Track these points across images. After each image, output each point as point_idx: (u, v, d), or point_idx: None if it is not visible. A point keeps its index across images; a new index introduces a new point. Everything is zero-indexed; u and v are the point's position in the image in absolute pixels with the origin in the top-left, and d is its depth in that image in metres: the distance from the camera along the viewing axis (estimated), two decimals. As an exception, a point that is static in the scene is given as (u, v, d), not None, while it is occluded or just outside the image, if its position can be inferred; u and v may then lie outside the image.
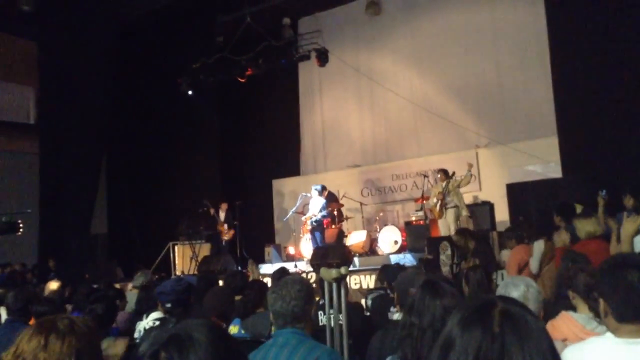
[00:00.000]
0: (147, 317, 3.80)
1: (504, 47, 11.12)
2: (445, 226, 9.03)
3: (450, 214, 9.04)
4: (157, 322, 3.48)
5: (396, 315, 2.83)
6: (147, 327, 3.65)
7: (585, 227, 4.81)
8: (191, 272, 10.79)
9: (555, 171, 9.67)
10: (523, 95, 10.79)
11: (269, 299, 2.50)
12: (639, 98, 8.06)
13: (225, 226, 11.27)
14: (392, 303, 3.77)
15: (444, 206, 9.06)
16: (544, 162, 10.03)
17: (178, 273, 11.25)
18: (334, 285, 3.15)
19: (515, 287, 2.63)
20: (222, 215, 11.31)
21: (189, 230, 11.46)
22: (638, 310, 1.68)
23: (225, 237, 11.31)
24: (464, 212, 8.99)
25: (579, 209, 6.64)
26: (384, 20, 12.56)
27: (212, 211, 11.20)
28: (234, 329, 3.47)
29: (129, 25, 12.13)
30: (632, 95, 8.13)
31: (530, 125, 10.56)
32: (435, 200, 9.22)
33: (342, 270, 3.03)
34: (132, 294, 5.51)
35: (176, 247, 11.64)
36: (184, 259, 11.45)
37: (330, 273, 3.07)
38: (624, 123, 8.16)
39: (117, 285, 8.71)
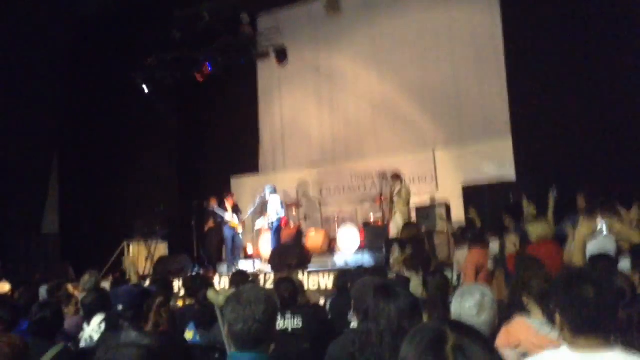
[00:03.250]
0: (89, 324, 3.68)
1: (460, 49, 11.28)
2: (395, 228, 9.15)
3: (399, 216, 9.14)
4: (103, 325, 3.38)
5: (354, 322, 2.81)
6: (93, 334, 3.53)
7: (537, 230, 4.90)
8: (146, 272, 10.59)
9: (509, 172, 9.88)
10: (478, 97, 10.97)
11: (228, 316, 2.21)
12: (593, 101, 8.30)
13: (235, 218, 10.62)
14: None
15: (393, 208, 9.19)
16: (498, 163, 10.23)
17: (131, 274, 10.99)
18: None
19: (471, 295, 2.65)
20: (229, 209, 10.68)
21: (144, 229, 11.22)
22: (593, 323, 1.70)
23: (239, 231, 10.70)
24: (400, 221, 9.07)
25: (528, 206, 6.80)
26: (343, 20, 12.56)
27: (211, 205, 10.65)
28: (188, 334, 3.40)
29: (82, 19, 11.78)
30: (585, 98, 8.37)
31: (485, 127, 10.75)
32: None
33: (230, 292, 2.72)
34: (81, 296, 5.35)
35: (131, 247, 11.38)
36: (139, 258, 11.20)
37: (218, 298, 2.77)
38: (577, 125, 8.39)
39: (70, 286, 8.49)
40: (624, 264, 3.86)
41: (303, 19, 12.98)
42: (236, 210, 10.71)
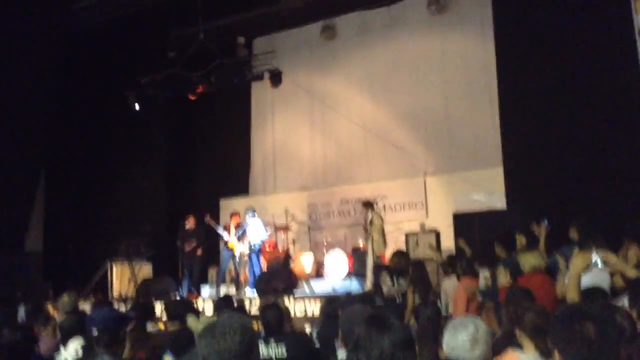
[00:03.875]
0: (65, 347, 3.52)
1: (453, 77, 11.32)
2: (371, 257, 9.19)
3: (374, 245, 9.19)
4: (80, 351, 3.22)
5: (341, 354, 2.69)
6: (68, 357, 3.37)
7: (529, 260, 4.82)
8: (130, 294, 10.38)
9: (499, 201, 9.85)
10: (470, 125, 10.97)
11: (200, 346, 2.07)
12: (585, 132, 8.30)
13: (235, 240, 10.17)
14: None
15: (369, 236, 9.22)
16: (489, 191, 10.20)
17: (115, 294, 10.78)
18: None
19: (464, 328, 2.55)
20: (232, 230, 10.26)
21: (129, 250, 11.02)
22: (594, 363, 1.61)
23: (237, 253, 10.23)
24: (374, 250, 9.09)
25: (521, 239, 6.74)
26: (338, 45, 12.63)
27: (211, 223, 10.31)
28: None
29: (76, 35, 11.72)
30: (577, 129, 8.38)
31: (476, 155, 10.73)
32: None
33: (212, 320, 2.58)
34: (59, 318, 5.18)
35: (115, 267, 11.16)
36: (122, 279, 10.99)
37: (197, 327, 2.59)
38: (569, 156, 8.39)
39: (50, 307, 8.27)
40: (620, 301, 3.77)
41: (298, 43, 13.03)
42: (241, 231, 10.30)
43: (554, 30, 8.72)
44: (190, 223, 10.34)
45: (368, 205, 9.60)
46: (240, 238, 10.08)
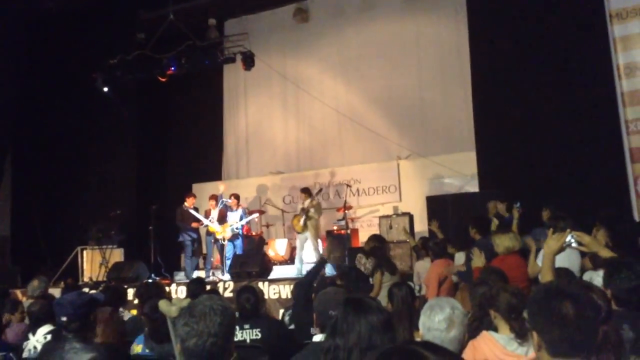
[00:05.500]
0: (34, 333, 3.43)
1: (426, 62, 11.34)
2: (303, 240, 9.47)
3: (311, 230, 9.42)
4: (49, 337, 3.14)
5: (318, 336, 2.66)
6: (37, 344, 3.29)
7: (503, 242, 4.87)
8: (101, 279, 10.22)
9: (472, 185, 9.93)
10: (443, 110, 11.03)
11: (180, 330, 2.01)
12: (556, 116, 8.40)
13: (216, 224, 9.80)
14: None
15: (307, 221, 9.41)
16: (462, 175, 10.28)
17: (86, 279, 10.61)
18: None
19: (440, 309, 2.55)
20: (213, 212, 9.92)
21: (99, 235, 10.83)
22: (573, 344, 1.60)
23: (224, 236, 9.78)
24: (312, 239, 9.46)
25: (493, 208, 6.83)
26: (311, 28, 12.52)
27: (186, 206, 9.93)
28: (137, 348, 3.19)
29: (41, 15, 11.38)
30: (549, 113, 8.48)
31: (449, 139, 10.81)
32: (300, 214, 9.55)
33: (185, 303, 2.51)
34: (28, 304, 5.05)
35: (85, 252, 10.97)
36: (92, 264, 10.81)
37: (170, 309, 2.53)
38: (540, 140, 8.49)
39: (18, 292, 8.09)
40: (588, 277, 3.83)
41: (271, 26, 12.88)
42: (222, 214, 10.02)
43: (526, 15, 8.77)
44: (189, 202, 10.12)
45: (307, 192, 9.70)
46: (220, 222, 9.94)
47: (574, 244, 2.96)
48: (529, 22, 8.75)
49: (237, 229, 9.86)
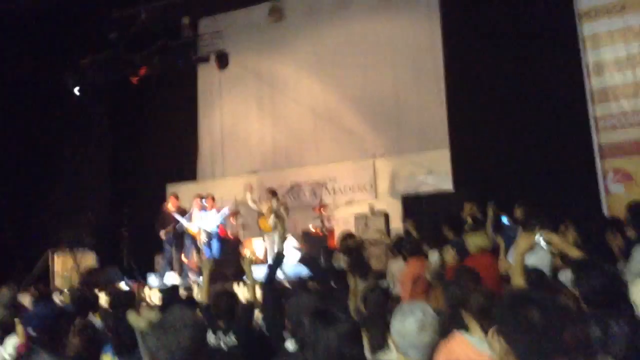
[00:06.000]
0: (2, 343, 3.35)
1: (401, 60, 11.37)
2: (272, 241, 9.38)
3: (280, 229, 9.26)
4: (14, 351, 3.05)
5: (291, 346, 2.64)
6: (7, 356, 3.20)
7: (475, 241, 4.91)
8: (73, 284, 10.04)
9: (446, 183, 9.99)
10: (418, 108, 11.07)
11: (150, 343, 2.00)
12: (528, 114, 8.50)
13: (195, 226, 9.72)
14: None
15: (276, 221, 9.35)
16: (436, 173, 10.33)
17: (57, 285, 10.40)
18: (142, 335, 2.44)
19: (412, 314, 2.54)
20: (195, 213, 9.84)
21: (71, 238, 10.64)
22: (541, 351, 1.61)
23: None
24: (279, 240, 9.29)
25: (468, 221, 6.86)
26: (286, 27, 12.46)
27: (169, 208, 9.84)
28: (106, 358, 3.12)
29: (8, 12, 11.10)
30: (521, 111, 8.57)
31: (424, 138, 10.85)
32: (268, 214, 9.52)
33: (154, 315, 2.44)
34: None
35: (56, 257, 10.75)
36: (64, 269, 10.61)
37: (139, 322, 2.47)
38: (513, 138, 8.58)
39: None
40: (564, 275, 3.88)
41: (246, 25, 12.78)
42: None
43: (498, 15, 8.85)
44: (173, 204, 9.97)
45: (273, 193, 9.70)
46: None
47: (542, 244, 2.98)
48: (501, 22, 8.84)
49: (212, 230, 9.79)
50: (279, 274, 9.27)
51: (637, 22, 8.16)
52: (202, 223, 9.78)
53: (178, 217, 9.81)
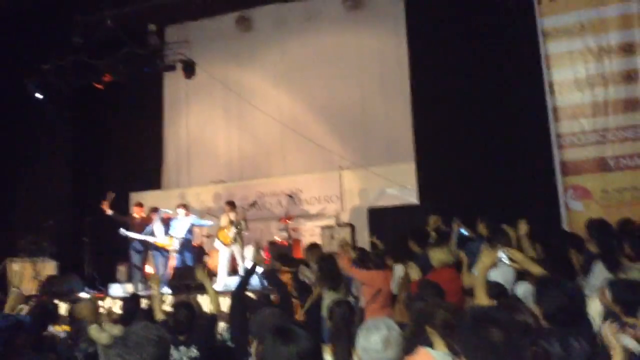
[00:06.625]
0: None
1: (368, 73, 11.49)
2: (230, 253, 9.50)
3: (239, 242, 9.49)
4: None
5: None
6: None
7: (438, 255, 4.98)
8: (33, 293, 9.77)
9: (411, 196, 10.08)
10: (385, 121, 11.19)
11: (111, 356, 1.99)
12: (492, 129, 8.64)
13: (163, 238, 9.65)
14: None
15: (239, 234, 9.46)
16: (402, 186, 10.43)
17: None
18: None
19: (377, 329, 2.56)
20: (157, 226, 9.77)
21: (31, 246, 10.37)
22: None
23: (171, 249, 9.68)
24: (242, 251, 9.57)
25: (434, 222, 6.96)
26: (254, 37, 12.46)
27: (137, 214, 9.79)
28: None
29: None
30: (484, 127, 8.71)
31: (390, 150, 10.97)
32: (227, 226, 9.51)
33: (116, 330, 2.41)
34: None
35: (14, 265, 10.45)
36: (23, 278, 10.31)
37: (100, 336, 2.43)
38: (477, 152, 8.71)
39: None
40: (522, 289, 3.96)
41: (213, 34, 12.74)
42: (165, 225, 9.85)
43: (465, 30, 9.01)
44: (137, 212, 9.82)
45: (232, 205, 9.74)
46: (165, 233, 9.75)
47: (505, 260, 3.04)
48: (466, 38, 8.99)
49: (184, 240, 9.70)
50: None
51: (596, 43, 8.42)
52: (176, 232, 9.67)
53: (136, 236, 9.66)
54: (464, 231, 4.96)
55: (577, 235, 5.59)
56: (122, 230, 9.66)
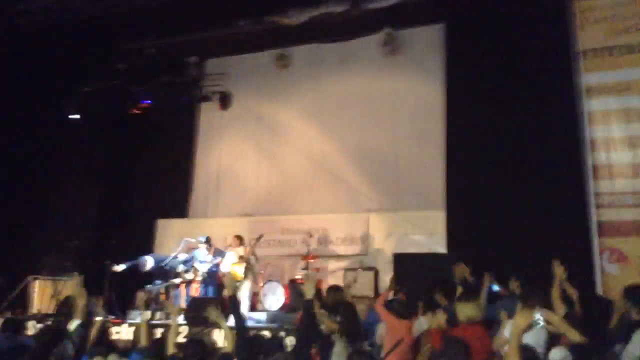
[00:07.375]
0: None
1: (402, 118, 11.42)
2: (247, 288, 9.48)
3: (250, 277, 9.54)
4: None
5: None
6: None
7: (465, 310, 4.76)
8: (50, 311, 9.76)
9: (439, 244, 9.86)
10: (416, 166, 11.04)
11: None
12: (528, 184, 8.46)
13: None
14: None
15: (250, 269, 9.52)
16: (430, 234, 10.21)
17: (35, 311, 10.11)
18: None
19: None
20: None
21: (53, 265, 10.39)
22: None
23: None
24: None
25: (460, 288, 6.71)
26: (291, 74, 12.58)
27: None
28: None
29: (13, 31, 11.11)
30: (520, 181, 8.53)
31: (420, 197, 10.78)
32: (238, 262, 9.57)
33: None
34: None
35: (36, 283, 10.47)
36: (43, 296, 10.32)
37: None
38: (510, 206, 8.51)
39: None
40: (558, 355, 3.72)
41: (251, 68, 12.91)
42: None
43: (505, 84, 8.94)
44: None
45: (240, 239, 9.78)
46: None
47: (541, 323, 2.86)
48: (505, 89, 8.92)
49: (207, 273, 9.67)
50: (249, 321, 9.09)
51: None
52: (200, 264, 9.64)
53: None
54: (495, 286, 4.73)
55: (612, 300, 5.32)
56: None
